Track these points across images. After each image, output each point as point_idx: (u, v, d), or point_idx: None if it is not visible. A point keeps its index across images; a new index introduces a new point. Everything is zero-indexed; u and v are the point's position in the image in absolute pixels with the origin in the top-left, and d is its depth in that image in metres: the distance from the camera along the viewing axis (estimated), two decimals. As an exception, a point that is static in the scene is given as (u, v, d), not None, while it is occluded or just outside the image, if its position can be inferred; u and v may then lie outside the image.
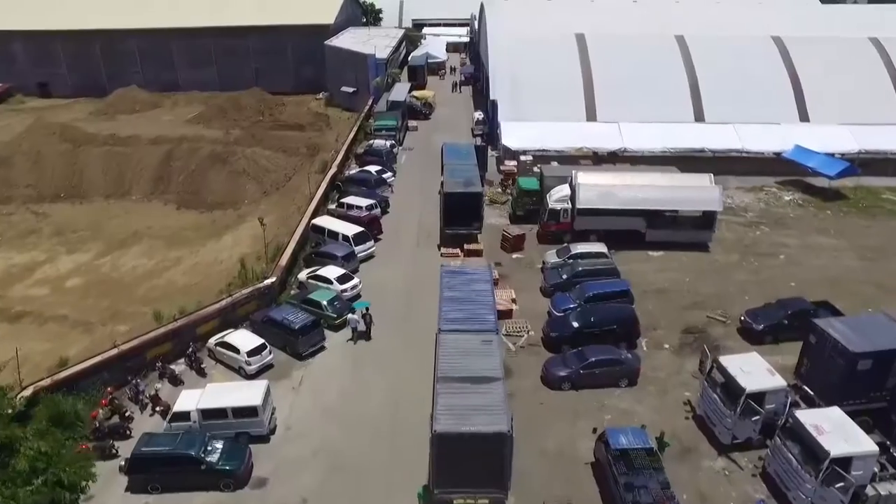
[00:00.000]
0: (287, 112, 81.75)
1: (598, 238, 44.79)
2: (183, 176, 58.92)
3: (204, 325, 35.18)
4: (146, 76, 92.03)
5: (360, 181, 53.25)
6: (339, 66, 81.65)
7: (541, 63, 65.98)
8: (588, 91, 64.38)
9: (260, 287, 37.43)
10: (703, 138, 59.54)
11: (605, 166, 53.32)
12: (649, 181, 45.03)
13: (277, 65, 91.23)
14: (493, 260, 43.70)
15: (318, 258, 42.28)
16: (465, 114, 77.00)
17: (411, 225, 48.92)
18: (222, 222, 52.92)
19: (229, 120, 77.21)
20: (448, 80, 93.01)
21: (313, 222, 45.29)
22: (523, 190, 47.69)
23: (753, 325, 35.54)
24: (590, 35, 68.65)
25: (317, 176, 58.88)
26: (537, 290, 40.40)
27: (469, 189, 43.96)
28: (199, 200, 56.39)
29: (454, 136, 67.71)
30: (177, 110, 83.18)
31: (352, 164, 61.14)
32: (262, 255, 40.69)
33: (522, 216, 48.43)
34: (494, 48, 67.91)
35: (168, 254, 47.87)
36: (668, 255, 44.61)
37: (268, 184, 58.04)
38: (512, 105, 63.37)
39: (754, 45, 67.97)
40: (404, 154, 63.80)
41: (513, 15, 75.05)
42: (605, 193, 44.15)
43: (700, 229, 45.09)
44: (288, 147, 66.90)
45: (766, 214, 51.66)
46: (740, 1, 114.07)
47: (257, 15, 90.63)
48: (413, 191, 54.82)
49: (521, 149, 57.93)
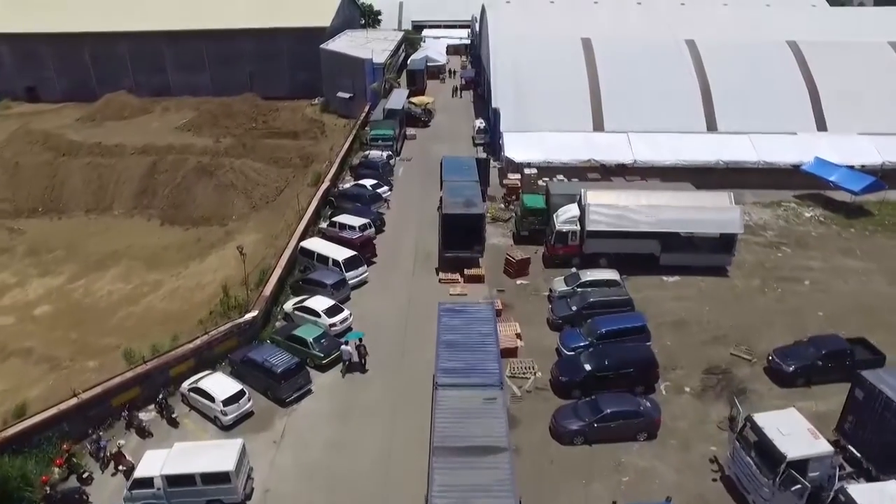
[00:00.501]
0: (281, 118, 77.86)
1: (609, 261, 41.17)
2: (168, 189, 55.16)
3: (177, 367, 31.43)
4: (137, 80, 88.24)
5: (353, 197, 49.46)
6: (335, 71, 77.77)
7: (545, 69, 62.18)
8: (595, 99, 60.55)
9: (240, 322, 33.64)
10: (717, 150, 55.71)
11: (616, 182, 49.46)
12: (664, 201, 41.21)
13: (272, 69, 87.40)
14: (495, 286, 40.09)
15: (305, 285, 38.54)
16: (465, 121, 73.16)
17: (408, 245, 45.15)
18: (207, 240, 49.18)
19: (220, 127, 73.40)
20: (449, 84, 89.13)
21: (302, 245, 41.52)
22: (528, 209, 43.89)
23: (783, 367, 31.76)
24: (596, 39, 64.79)
25: (309, 189, 55.17)
26: (544, 323, 36.64)
27: (470, 210, 40.14)
28: (184, 216, 52.64)
29: (454, 146, 64.14)
30: (167, 116, 79.32)
31: (346, 176, 57.36)
32: (245, 282, 36.81)
33: (527, 236, 44.62)
34: (496, 54, 64.07)
35: (147, 277, 44.16)
36: (685, 281, 40.85)
37: (257, 198, 54.26)
38: (515, 114, 59.56)
39: (768, 50, 64.12)
40: (402, 165, 60.01)
41: (515, 18, 71.18)
42: (616, 215, 40.36)
43: (719, 252, 41.31)
44: (280, 157, 63.15)
45: (786, 233, 47.83)
46: (747, 3, 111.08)
47: (251, 18, 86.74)
48: (411, 207, 51.04)
49: (525, 161, 54.15)
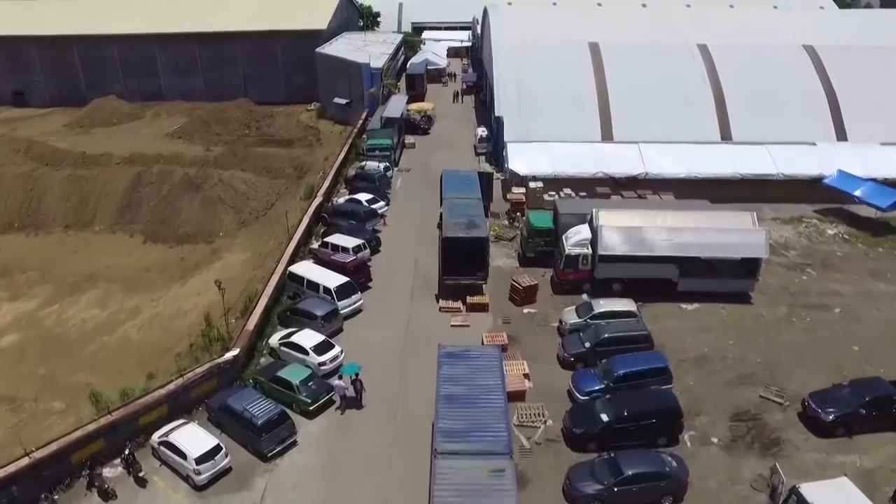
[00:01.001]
0: (275, 125, 74.35)
1: (623, 287, 37.65)
2: (153, 203, 51.58)
3: (148, 415, 27.90)
4: (128, 85, 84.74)
5: (347, 213, 45.87)
6: (332, 76, 74.14)
7: (551, 75, 58.51)
8: (603, 107, 56.90)
9: (219, 363, 30.08)
10: (733, 161, 52.04)
11: (628, 196, 45.73)
12: (683, 222, 37.62)
13: (267, 73, 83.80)
14: (500, 315, 36.53)
15: (294, 316, 34.96)
16: (467, 127, 69.53)
17: (406, 267, 41.56)
18: (192, 260, 45.65)
19: (212, 134, 69.98)
20: (450, 88, 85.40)
21: (290, 270, 37.95)
22: (535, 229, 40.28)
23: (821, 415, 28.18)
24: (604, 44, 61.10)
25: (301, 203, 51.62)
26: (554, 359, 33.06)
27: (472, 233, 36.56)
28: (169, 232, 49.08)
29: (455, 155, 60.64)
30: (158, 123, 75.93)
31: (341, 189, 53.78)
32: (224, 320, 33.29)
33: (533, 258, 41.05)
34: (499, 59, 60.40)
35: (125, 302, 40.63)
36: (705, 309, 37.28)
37: (246, 213, 50.70)
38: (519, 122, 55.92)
39: (784, 55, 60.40)
40: (400, 177, 56.39)
41: (518, 21, 67.49)
42: (632, 238, 36.78)
43: (741, 278, 37.75)
44: (272, 167, 59.59)
45: (810, 253, 44.22)
46: (754, 4, 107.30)
47: (246, 20, 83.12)
48: (409, 223, 47.47)
49: (530, 174, 50.54)
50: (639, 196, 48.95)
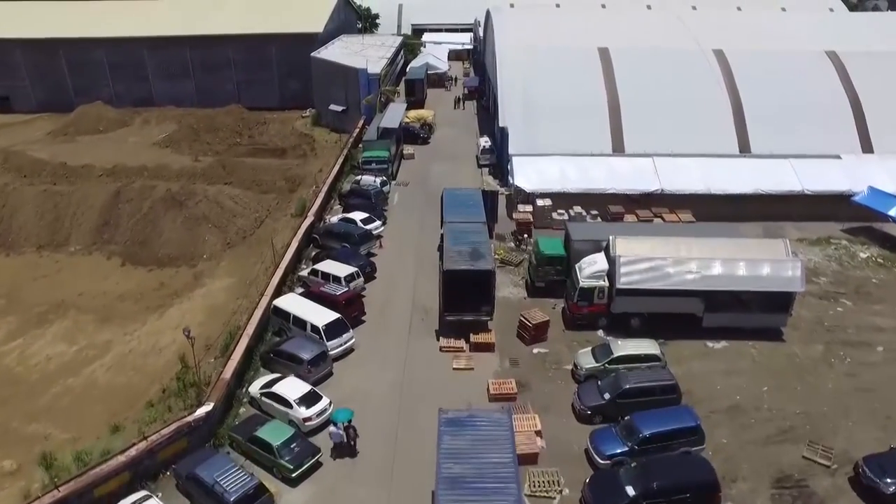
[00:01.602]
0: (268, 133, 70.51)
1: (642, 322, 33.72)
2: (132, 222, 47.59)
3: (105, 486, 23.96)
4: (117, 90, 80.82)
5: (340, 235, 41.84)
6: (327, 82, 70.12)
7: (558, 83, 54.48)
8: (614, 117, 52.86)
9: (189, 421, 26.11)
10: (754, 177, 47.92)
11: (647, 225, 41.45)
12: (709, 251, 33.61)
13: (261, 78, 79.88)
14: (507, 355, 32.57)
15: (277, 359, 30.99)
16: (468, 136, 65.51)
17: (403, 297, 37.57)
18: (171, 286, 41.67)
19: (202, 143, 66.03)
20: (451, 93, 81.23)
21: (275, 304, 33.95)
22: (545, 256, 36.23)
23: (880, 485, 24.22)
24: (614, 49, 57.03)
25: (293, 220, 47.69)
26: (569, 409, 29.07)
27: (477, 265, 32.50)
28: (149, 254, 45.09)
29: (457, 167, 56.69)
30: (146, 130, 72.01)
31: (334, 205, 49.77)
32: (196, 369, 29.35)
33: (543, 287, 37.05)
34: (503, 65, 56.33)
35: (96, 336, 36.68)
36: (734, 348, 33.30)
37: (232, 232, 46.68)
38: (525, 133, 51.89)
39: (805, 61, 56.39)
40: (398, 191, 52.36)
41: (523, 25, 63.48)
42: (653, 270, 32.78)
43: (772, 312, 33.74)
44: (263, 180, 55.65)
45: (842, 279, 40.20)
46: (761, 7, 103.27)
47: (239, 23, 79.18)
48: (407, 245, 43.49)
49: (538, 190, 46.52)
50: (654, 215, 45.09)
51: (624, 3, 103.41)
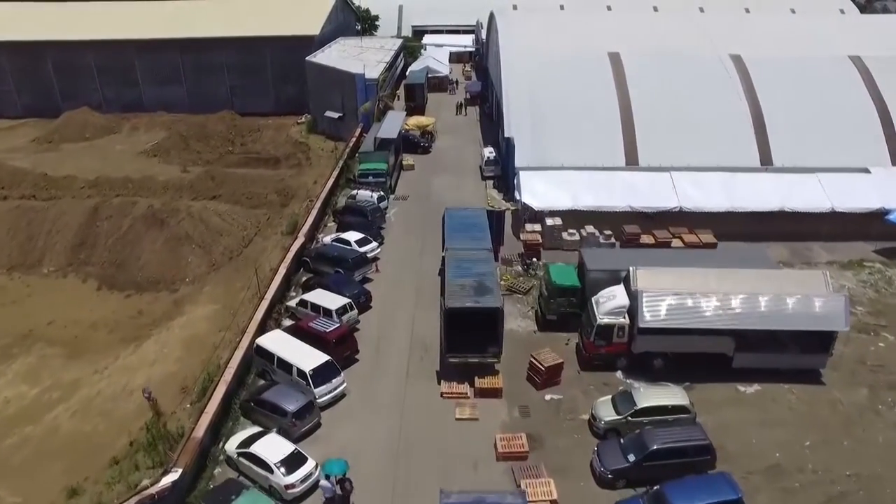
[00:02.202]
0: (262, 140, 66.73)
1: (665, 362, 30.03)
2: (111, 241, 43.86)
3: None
4: (106, 95, 77.06)
5: (333, 259, 38.09)
6: (323, 87, 66.32)
7: (567, 91, 50.68)
8: (627, 127, 49.03)
9: (152, 493, 22.37)
10: (779, 192, 44.14)
11: (670, 252, 37.39)
12: (741, 285, 29.86)
13: (255, 82, 76.08)
14: (516, 401, 28.85)
15: (259, 409, 27.27)
16: (471, 144, 61.86)
17: (401, 331, 33.83)
18: (150, 314, 37.98)
19: (191, 152, 62.30)
20: (454, 98, 77.42)
21: (258, 343, 30.18)
22: (558, 287, 32.43)
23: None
24: (626, 54, 53.17)
25: (284, 238, 44.04)
26: (587, 470, 25.36)
27: (483, 302, 28.72)
28: (127, 277, 41.37)
29: (459, 179, 53.09)
30: (134, 137, 68.28)
31: (328, 222, 45.99)
32: (162, 431, 25.71)
33: (556, 320, 33.30)
34: (509, 72, 52.45)
35: (63, 374, 32.98)
36: (768, 392, 29.57)
37: (218, 253, 42.90)
38: (532, 145, 48.10)
39: (829, 67, 52.47)
40: (396, 207, 48.57)
41: (529, 29, 59.57)
42: (679, 306, 29.06)
43: (811, 353, 30.01)
44: (254, 193, 51.92)
45: (881, 309, 36.38)
46: (770, 9, 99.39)
47: (231, 26, 75.32)
48: (406, 268, 39.74)
49: (547, 208, 42.77)
50: (673, 235, 41.34)
51: (629, 4, 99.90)
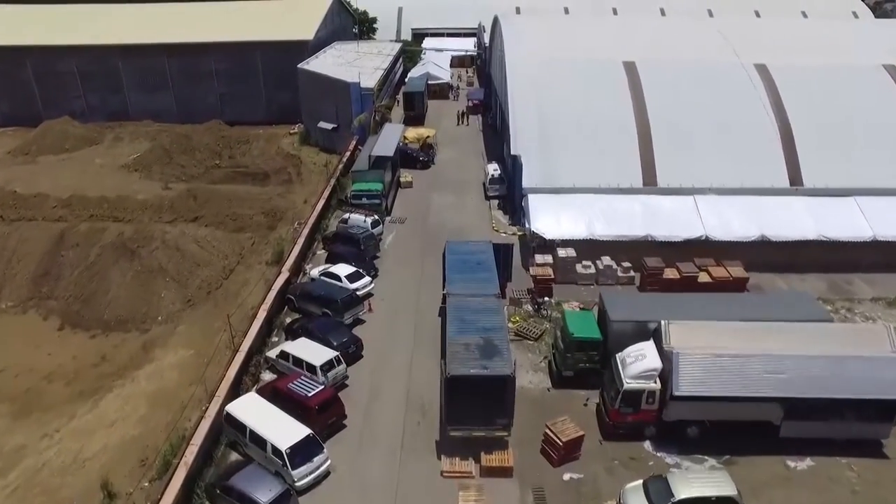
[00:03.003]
0: (251, 152, 62.06)
1: (701, 430, 25.45)
2: (76, 273, 39.26)
3: None
4: (89, 102, 72.43)
5: (320, 299, 33.41)
6: (316, 96, 61.60)
7: (578, 103, 46.02)
8: (644, 143, 44.34)
9: None
10: (814, 218, 39.49)
11: (703, 298, 32.18)
12: (789, 342, 25.25)
13: (246, 90, 71.39)
14: (529, 482, 24.23)
15: (224, 497, 22.67)
16: (474, 157, 57.25)
17: (395, 387, 29.21)
18: (115, 360, 33.39)
19: (175, 166, 57.62)
20: (456, 106, 72.75)
21: (228, 410, 25.53)
22: (575, 340, 27.78)
23: None
24: (642, 63, 48.45)
25: (269, 269, 39.44)
26: (617, 581, 20.86)
27: (491, 369, 24.03)
28: (93, 315, 36.75)
29: (461, 198, 48.62)
30: (117, 149, 63.59)
31: (318, 249, 41.35)
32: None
33: (573, 377, 28.68)
34: (515, 83, 47.69)
35: (7, 439, 28.48)
36: (822, 468, 24.97)
37: (194, 286, 38.27)
38: (541, 164, 43.43)
39: (862, 76, 47.72)
40: (393, 230, 43.91)
41: (535, 35, 54.78)
42: (721, 371, 24.45)
43: (871, 421, 25.39)
44: (238, 214, 47.34)
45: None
46: (782, 12, 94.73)
47: (222, 30, 70.58)
48: (402, 307, 35.11)
49: (559, 238, 38.11)
50: (699, 268, 36.67)
51: (635, 6, 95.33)
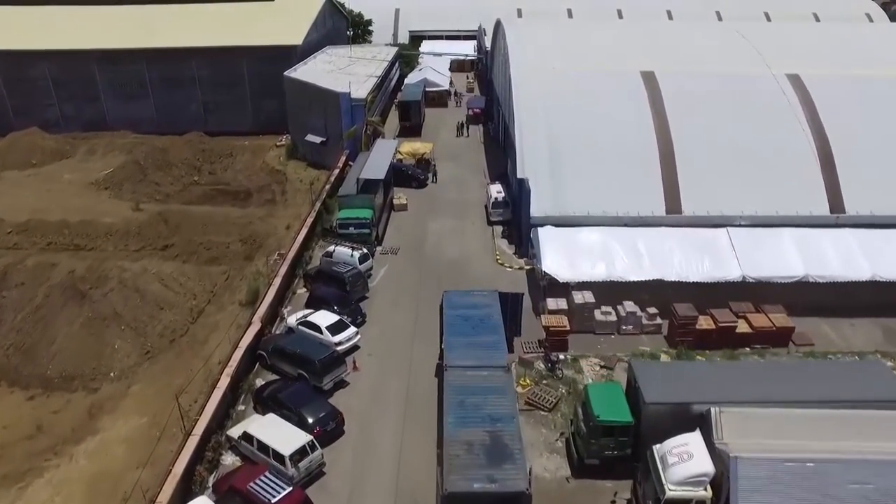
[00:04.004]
0: (234, 167, 56.52)
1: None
2: (20, 318, 33.60)
3: None
4: (64, 111, 66.72)
5: (294, 359, 27.82)
6: (304, 107, 55.94)
7: (592, 119, 40.58)
8: (667, 165, 38.84)
9: None
10: (866, 255, 33.86)
11: (752, 365, 26.80)
12: (875, 435, 19.75)
13: (231, 98, 65.67)
14: None
15: None
16: (474, 174, 51.74)
17: (382, 474, 23.66)
18: (54, 430, 27.77)
19: (148, 183, 52.01)
20: (456, 113, 67.21)
21: (170, 522, 20.12)
22: (601, 423, 22.26)
23: None
24: (663, 74, 42.89)
25: (242, 311, 33.94)
26: None
27: (501, 483, 18.37)
28: (34, 369, 31.02)
29: (461, 224, 43.26)
30: (89, 164, 58.02)
31: (298, 288, 35.80)
32: None
33: (597, 465, 23.17)
34: (522, 97, 42.09)
35: None
36: None
37: (155, 335, 32.58)
38: (551, 189, 37.95)
39: (905, 89, 42.30)
40: (385, 264, 38.32)
41: (542, 42, 49.18)
42: (790, 479, 18.90)
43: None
44: (214, 241, 41.82)
45: None
46: (793, 15, 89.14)
47: (205, 34, 64.91)
48: (393, 363, 29.55)
49: (574, 280, 32.50)
50: (736, 315, 31.16)
51: (641, 10, 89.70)
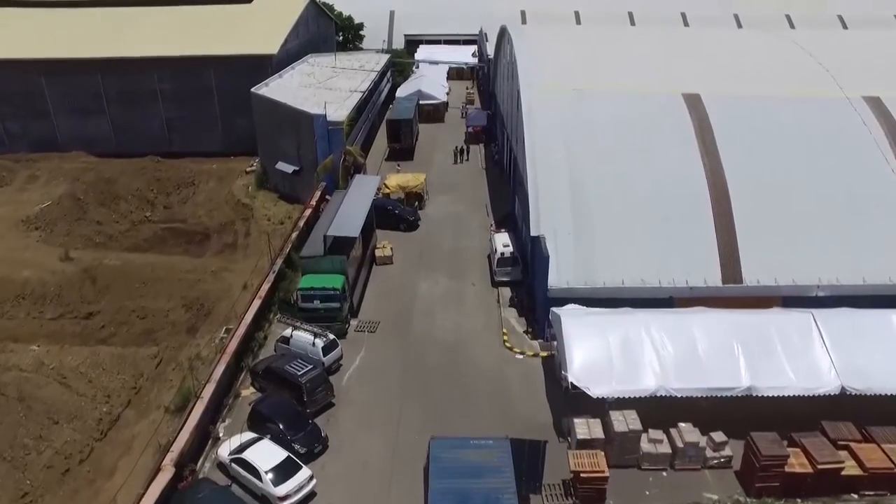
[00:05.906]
0: (195, 198, 47.20)
1: None
2: None
3: None
4: (7, 128, 57.65)
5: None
6: (274, 130, 46.29)
7: (623, 159, 31.07)
8: (722, 219, 29.34)
9: None
10: None
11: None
12: None
13: (198, 114, 56.22)
14: None
15: None
16: (476, 212, 42.23)
17: None
18: None
19: (88, 222, 42.64)
20: (455, 126, 57.97)
21: None
22: None
23: None
24: (710, 98, 33.28)
25: (169, 419, 24.62)
26: None
27: None
28: None
29: (459, 286, 33.80)
30: (26, 194, 48.83)
31: (242, 390, 26.37)
32: None
33: None
34: (536, 130, 32.31)
35: None
36: None
37: (39, 467, 23.21)
38: (575, 251, 28.52)
39: None
40: (362, 348, 28.77)
41: (555, 54, 39.57)
42: None
43: None
44: (150, 308, 32.41)
45: None
46: (818, 21, 79.78)
47: (168, 42, 55.32)
48: None
49: (612, 395, 22.94)
50: (835, 444, 21.72)
51: (654, 12, 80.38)
